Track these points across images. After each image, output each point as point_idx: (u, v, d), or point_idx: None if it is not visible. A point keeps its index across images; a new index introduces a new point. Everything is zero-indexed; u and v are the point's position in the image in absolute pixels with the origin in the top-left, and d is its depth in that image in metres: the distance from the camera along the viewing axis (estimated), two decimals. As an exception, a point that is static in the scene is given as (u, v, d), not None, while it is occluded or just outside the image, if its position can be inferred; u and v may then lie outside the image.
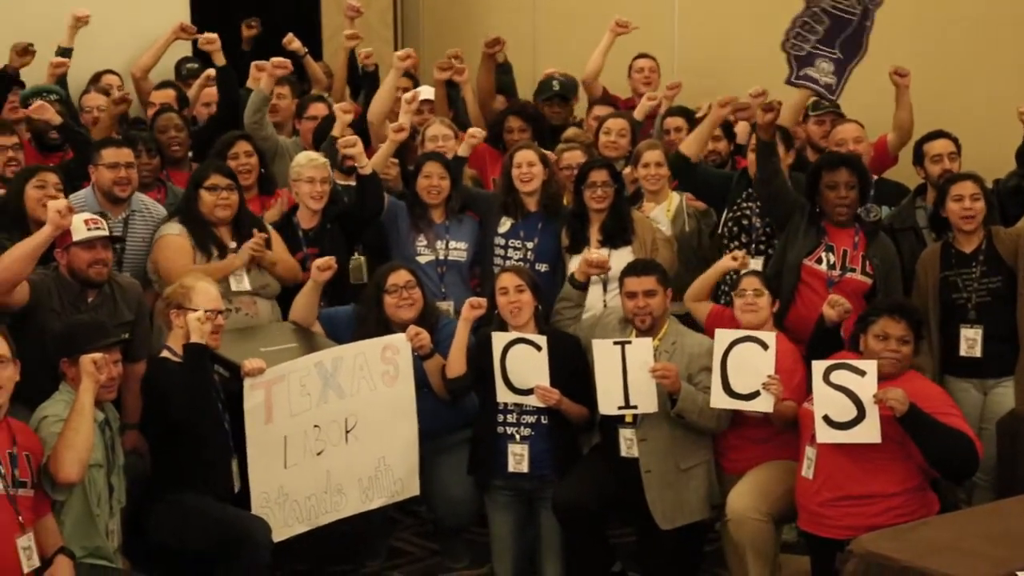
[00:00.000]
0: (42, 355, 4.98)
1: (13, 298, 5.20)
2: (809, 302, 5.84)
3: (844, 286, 5.89)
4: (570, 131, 7.22)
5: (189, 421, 5.13)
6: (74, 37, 7.58)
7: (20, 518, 4.56)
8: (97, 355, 4.81)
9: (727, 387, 5.37)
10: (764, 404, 5.35)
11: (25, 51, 6.95)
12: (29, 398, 4.89)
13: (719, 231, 6.54)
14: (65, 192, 5.81)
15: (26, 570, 4.54)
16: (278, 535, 5.27)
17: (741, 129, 7.13)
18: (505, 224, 6.48)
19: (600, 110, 7.62)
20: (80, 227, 5.34)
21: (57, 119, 6.54)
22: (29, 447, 4.70)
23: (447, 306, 6.29)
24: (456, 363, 5.71)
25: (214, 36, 7.26)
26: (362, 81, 7.98)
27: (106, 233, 5.47)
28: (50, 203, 5.25)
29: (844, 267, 5.95)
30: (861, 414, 5.07)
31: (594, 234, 6.26)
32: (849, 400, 5.08)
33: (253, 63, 7.15)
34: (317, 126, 7.16)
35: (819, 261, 5.97)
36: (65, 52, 7.57)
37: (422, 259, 6.41)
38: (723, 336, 5.44)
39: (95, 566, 4.85)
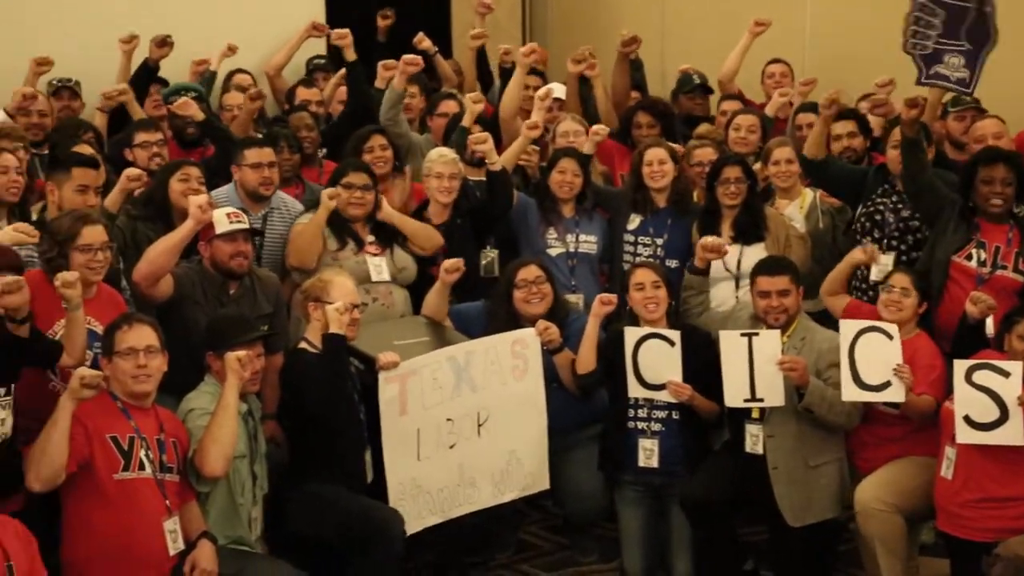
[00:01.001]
0: (186, 346, 5.13)
1: (158, 290, 5.36)
2: (957, 299, 5.72)
3: (994, 283, 5.77)
4: (701, 127, 7.20)
5: (325, 411, 5.22)
6: (221, 62, 7.72)
7: (167, 502, 4.71)
8: (242, 352, 4.93)
9: (857, 378, 5.31)
10: (896, 394, 5.28)
11: (164, 42, 7.14)
12: (173, 387, 5.01)
13: (852, 227, 6.46)
14: (207, 187, 5.96)
15: (172, 552, 4.69)
16: (411, 527, 5.35)
17: (876, 124, 7.03)
18: (634, 221, 6.48)
19: (729, 105, 7.58)
20: (222, 220, 5.48)
21: (200, 115, 6.70)
22: (176, 434, 4.85)
23: (577, 299, 6.32)
24: (586, 359, 5.73)
25: (346, 32, 7.38)
26: (500, 78, 8.03)
27: (247, 226, 5.60)
28: (191, 198, 5.41)
29: (995, 264, 5.83)
30: (1004, 415, 4.99)
31: (726, 230, 6.23)
32: (992, 401, 5.00)
33: (381, 63, 7.25)
34: (448, 123, 7.22)
35: (968, 257, 5.86)
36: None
37: (553, 251, 6.45)
38: (848, 327, 5.38)
39: (236, 550, 4.97)
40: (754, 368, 5.40)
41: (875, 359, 5.29)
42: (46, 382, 4.93)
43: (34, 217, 5.63)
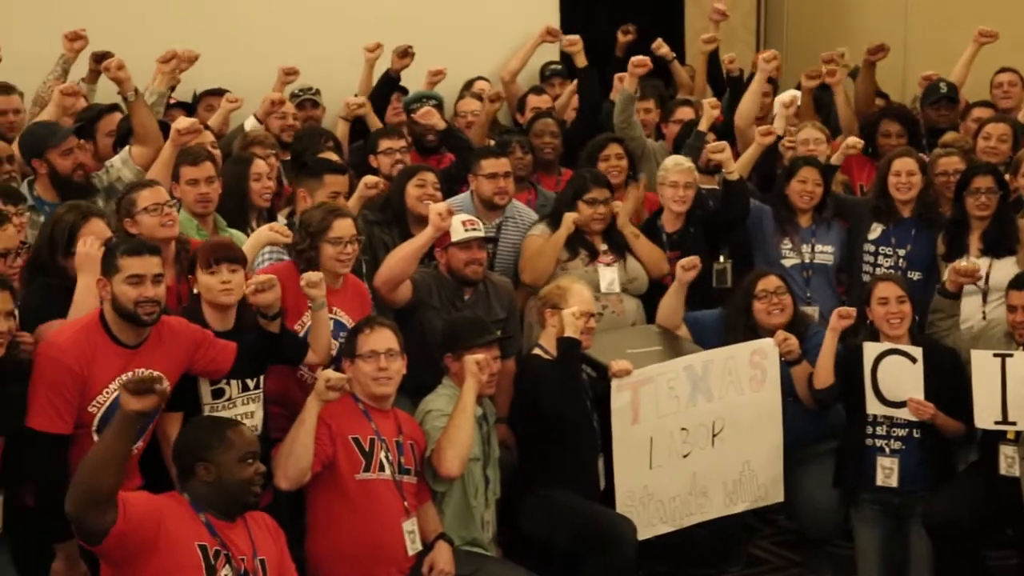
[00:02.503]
0: (422, 349, 5.22)
1: (398, 296, 5.46)
2: None
3: None
4: (948, 135, 6.96)
5: (559, 415, 5.24)
6: (284, 87, 7.51)
7: (405, 503, 4.80)
8: (480, 355, 5.00)
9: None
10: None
11: (405, 53, 7.27)
12: (409, 388, 5.11)
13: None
14: (443, 193, 6.06)
15: (410, 552, 4.78)
16: (643, 534, 5.34)
17: None
18: (876, 230, 6.33)
19: (981, 112, 7.29)
20: (458, 228, 5.56)
21: (442, 124, 6.82)
22: (414, 437, 4.94)
23: (812, 311, 6.19)
24: (824, 373, 5.60)
25: (576, 38, 7.42)
26: (726, 85, 7.95)
27: (482, 234, 5.67)
28: (431, 206, 5.49)
29: None
30: None
31: (974, 242, 6.02)
32: None
33: (616, 76, 7.25)
34: (680, 129, 7.18)
35: None
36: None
37: (787, 262, 6.34)
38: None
39: (471, 553, 5.03)
40: (1007, 390, 5.21)
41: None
42: (295, 369, 5.09)
43: (282, 221, 5.82)
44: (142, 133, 5.61)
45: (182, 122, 5.30)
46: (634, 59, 7.05)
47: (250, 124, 6.56)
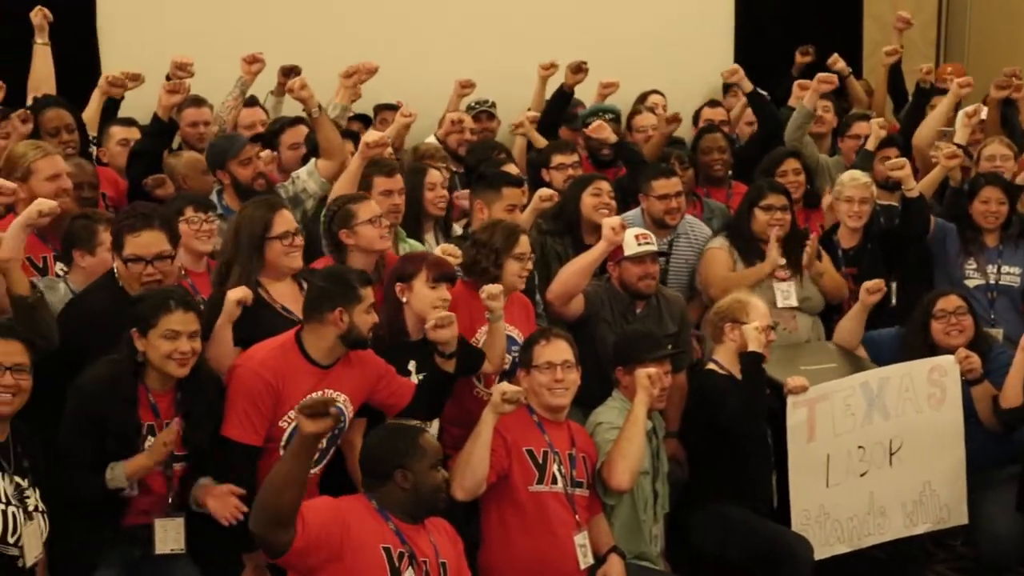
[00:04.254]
0: (594, 362, 5.22)
1: (570, 309, 5.48)
2: None
3: None
4: None
5: (738, 430, 5.20)
6: (459, 103, 7.61)
7: (577, 516, 4.80)
8: (652, 369, 4.99)
9: None
10: None
11: (579, 69, 7.28)
12: (580, 401, 5.10)
13: None
14: (618, 204, 6.07)
15: (582, 566, 4.77)
16: (819, 553, 5.27)
17: None
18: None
19: None
20: (631, 242, 5.55)
21: (613, 137, 6.83)
22: (586, 450, 4.95)
23: (996, 333, 6.02)
24: (1011, 393, 5.46)
25: (735, 68, 7.33)
26: (911, 97, 7.79)
27: (655, 248, 5.66)
28: (605, 220, 5.49)
29: None
30: None
31: None
32: None
33: (796, 82, 7.16)
34: (861, 145, 7.06)
35: None
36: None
37: (970, 283, 6.20)
38: None
39: (642, 567, 5.02)
40: None
41: None
42: (470, 388, 5.15)
43: (458, 232, 5.90)
44: (327, 147, 5.75)
45: (371, 135, 5.40)
46: (821, 76, 6.96)
47: (430, 141, 6.68)
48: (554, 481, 4.78)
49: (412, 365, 4.77)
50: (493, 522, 4.78)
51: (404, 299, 4.77)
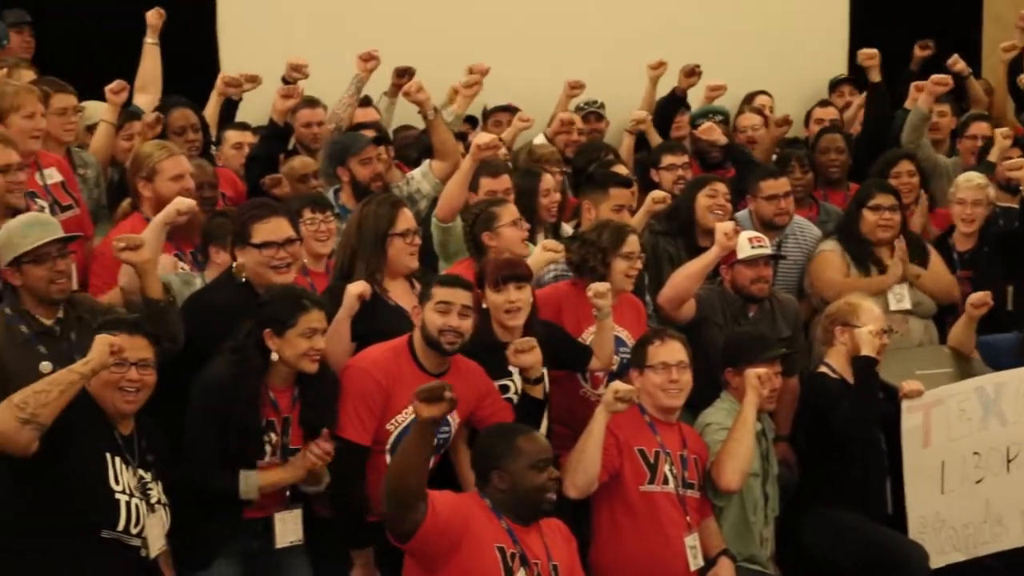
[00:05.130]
0: (704, 365, 5.19)
1: (681, 313, 5.45)
2: None
3: None
4: None
5: (851, 434, 5.15)
6: (569, 103, 7.52)
7: (688, 518, 4.81)
8: (761, 370, 4.96)
9: None
10: None
11: (692, 72, 7.22)
12: (690, 404, 5.09)
13: None
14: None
15: (692, 568, 4.78)
16: (935, 562, 5.22)
17: None
18: None
19: None
20: (745, 245, 5.52)
21: (723, 139, 6.80)
22: (697, 451, 4.95)
23: (1120, 339, 5.88)
24: None
25: (874, 52, 7.24)
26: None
27: (769, 251, 5.62)
28: (718, 225, 5.45)
29: None
30: None
31: None
32: None
33: (913, 83, 7.07)
34: (980, 146, 6.95)
35: None
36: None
37: (1100, 287, 6.05)
38: None
39: (751, 571, 5.00)
40: None
41: None
42: (576, 388, 5.17)
43: (568, 231, 5.91)
44: (441, 149, 5.80)
45: (482, 138, 5.43)
46: (936, 77, 6.87)
47: (539, 140, 6.71)
48: (665, 481, 4.79)
49: (515, 372, 4.75)
50: (604, 521, 4.79)
51: (484, 304, 4.75)
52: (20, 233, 4.31)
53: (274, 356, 4.28)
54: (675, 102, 7.32)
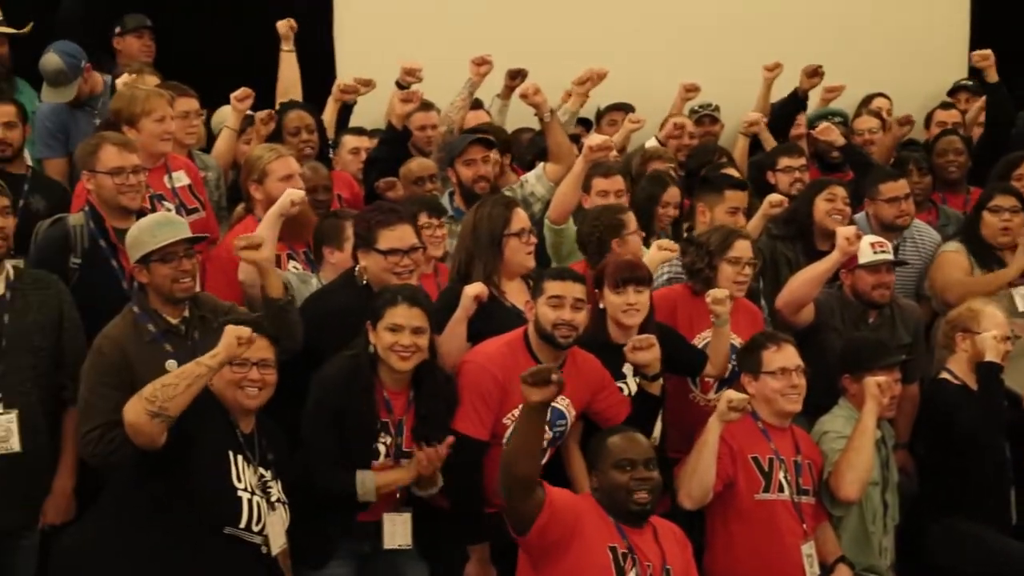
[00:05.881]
0: (822, 369, 5.12)
1: (799, 318, 5.40)
2: None
3: None
4: None
5: (974, 441, 5.06)
6: (683, 106, 7.51)
7: (804, 525, 4.75)
8: (880, 378, 4.89)
9: None
10: None
11: (815, 73, 7.15)
12: (805, 410, 5.00)
13: None
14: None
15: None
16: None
17: None
18: None
19: None
20: (866, 250, 5.44)
21: (840, 140, 6.71)
22: (812, 457, 4.89)
23: None
24: None
25: (988, 52, 7.09)
26: None
27: (891, 257, 5.54)
28: (839, 230, 5.33)
29: None
30: None
31: None
32: None
33: None
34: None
35: None
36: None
37: None
38: None
39: (872, 580, 4.94)
40: None
41: None
42: (686, 392, 5.14)
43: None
44: (556, 151, 5.80)
45: (594, 139, 5.41)
46: None
47: (651, 144, 6.68)
48: (780, 489, 4.73)
49: (627, 368, 4.73)
50: (718, 530, 4.75)
51: (601, 305, 4.74)
52: (150, 232, 4.40)
53: (372, 349, 4.32)
54: (795, 103, 7.22)
